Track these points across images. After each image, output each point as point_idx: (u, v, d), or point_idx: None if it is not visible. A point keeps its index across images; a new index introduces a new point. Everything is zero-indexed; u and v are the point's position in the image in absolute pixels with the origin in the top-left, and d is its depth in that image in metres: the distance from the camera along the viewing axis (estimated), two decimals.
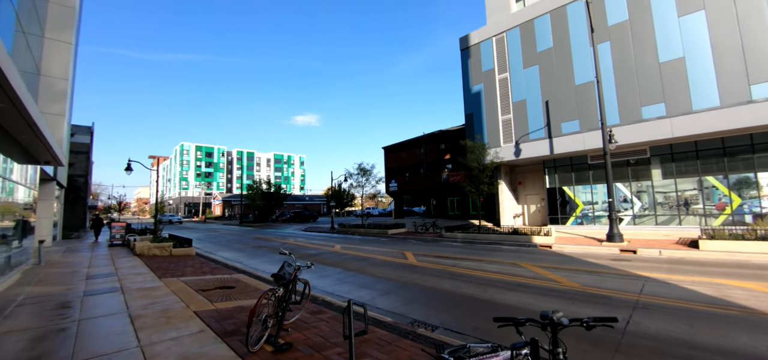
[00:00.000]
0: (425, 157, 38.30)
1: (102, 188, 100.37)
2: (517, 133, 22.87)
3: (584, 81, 20.28)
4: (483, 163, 19.88)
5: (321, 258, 13.54)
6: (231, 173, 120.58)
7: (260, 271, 11.10)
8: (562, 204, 22.20)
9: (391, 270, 10.66)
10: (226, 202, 79.63)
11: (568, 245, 15.21)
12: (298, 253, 15.18)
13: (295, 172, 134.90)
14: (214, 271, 10.23)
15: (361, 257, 13.34)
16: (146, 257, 12.86)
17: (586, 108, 20.09)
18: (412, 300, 7.36)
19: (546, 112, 21.60)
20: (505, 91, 23.64)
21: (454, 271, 10.26)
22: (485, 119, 24.52)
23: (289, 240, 21.39)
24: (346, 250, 15.52)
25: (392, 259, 12.82)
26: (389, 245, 17.24)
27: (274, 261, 13.20)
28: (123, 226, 17.97)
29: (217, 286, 7.81)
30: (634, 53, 18.75)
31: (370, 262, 12.14)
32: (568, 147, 20.55)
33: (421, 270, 10.52)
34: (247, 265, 12.39)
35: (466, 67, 26.05)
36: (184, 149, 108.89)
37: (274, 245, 18.65)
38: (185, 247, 14.31)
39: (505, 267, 10.55)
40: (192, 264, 11.44)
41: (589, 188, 21.20)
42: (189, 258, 13.12)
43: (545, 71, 21.86)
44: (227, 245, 19.58)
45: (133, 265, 10.86)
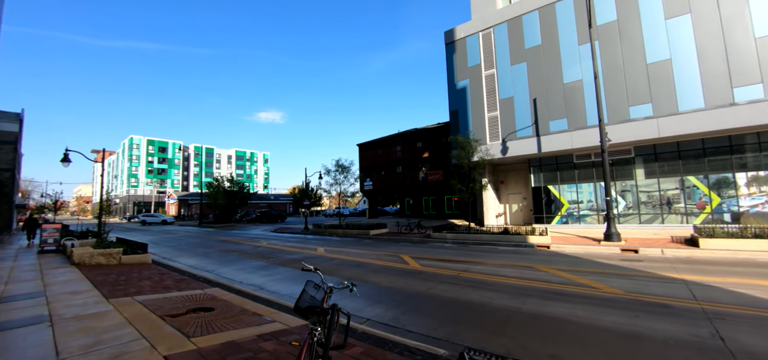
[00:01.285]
0: (402, 155, 37.18)
1: (34, 185, 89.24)
2: (504, 130, 22.31)
3: (573, 79, 20.07)
4: (473, 160, 18.98)
5: (305, 263, 11.75)
6: (187, 170, 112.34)
7: (238, 282, 9.16)
8: (547, 203, 21.94)
9: (397, 278, 9.20)
10: (182, 201, 73.65)
11: (566, 245, 14.62)
12: (277, 258, 13.26)
13: (259, 170, 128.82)
14: (179, 284, 8.18)
15: (354, 263, 11.73)
16: (88, 268, 10.37)
17: (575, 107, 19.89)
18: (446, 318, 5.97)
19: (534, 110, 21.20)
20: (492, 88, 23.03)
21: (469, 277, 9.01)
22: (471, 116, 23.77)
23: (261, 242, 19.17)
24: (333, 254, 13.81)
25: (391, 263, 11.36)
26: (378, 247, 15.76)
27: (252, 269, 11.22)
28: (57, 228, 14.85)
29: (189, 308, 5.92)
30: (622, 53, 18.75)
31: (368, 269, 10.59)
32: (556, 145, 20.25)
33: (432, 277, 9.17)
34: (220, 274, 10.34)
35: (451, 61, 25.19)
36: (133, 143, 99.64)
37: (246, 249, 16.45)
38: (139, 254, 11.87)
39: (522, 271, 9.49)
40: (149, 275, 9.23)
41: (575, 187, 21.08)
42: (144, 267, 10.79)
43: (533, 69, 21.47)
44: (189, 250, 17.04)
45: (70, 279, 8.48)
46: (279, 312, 5.84)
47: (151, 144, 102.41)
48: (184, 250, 16.82)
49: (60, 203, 58.84)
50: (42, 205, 62.31)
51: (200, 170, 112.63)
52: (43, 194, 56.02)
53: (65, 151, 17.26)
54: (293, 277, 9.77)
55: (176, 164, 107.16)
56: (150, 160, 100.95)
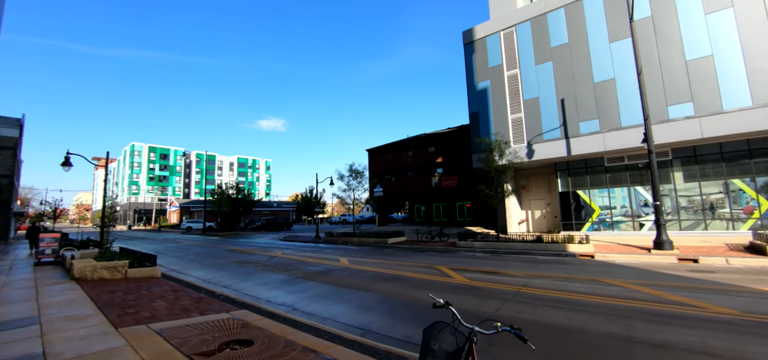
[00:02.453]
0: (414, 160, 36.00)
1: (34, 192, 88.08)
2: (529, 132, 21.15)
3: (604, 78, 18.98)
4: (500, 163, 17.78)
5: (334, 277, 10.49)
6: (189, 178, 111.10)
7: (265, 300, 7.90)
8: (576, 209, 20.69)
9: (450, 295, 7.93)
10: (184, 208, 72.31)
11: (612, 254, 13.37)
12: (299, 270, 11.99)
13: (261, 177, 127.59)
14: (199, 305, 6.92)
15: (388, 276, 10.46)
16: (90, 283, 9.10)
17: (607, 107, 18.76)
18: (556, 353, 4.70)
19: (562, 111, 20.07)
20: (516, 89, 21.93)
21: (534, 293, 7.76)
22: (493, 118, 22.64)
23: (274, 252, 17.88)
24: (359, 265, 12.54)
25: (432, 277, 10.10)
26: (404, 257, 14.48)
27: (276, 284, 9.96)
28: (55, 237, 13.57)
29: (221, 340, 4.67)
30: (658, 51, 17.67)
31: (408, 284, 9.32)
32: (587, 148, 19.08)
33: (490, 294, 7.90)
34: (242, 291, 9.08)
35: (471, 62, 24.15)
36: (135, 150, 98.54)
37: (260, 260, 15.18)
38: (146, 267, 10.61)
39: (591, 286, 8.23)
40: (162, 293, 7.97)
41: (606, 192, 19.85)
42: (153, 282, 9.53)
43: (560, 68, 20.39)
44: (198, 261, 15.77)
45: (70, 299, 7.22)
46: (335, 345, 4.59)
47: (153, 151, 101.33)
48: (193, 262, 15.54)
49: (59, 211, 57.54)
50: (41, 212, 61.02)
51: (202, 177, 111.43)
52: (43, 202, 54.75)
53: (66, 154, 16.08)
54: (326, 294, 8.50)
55: (178, 171, 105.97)
56: (151, 167, 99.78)
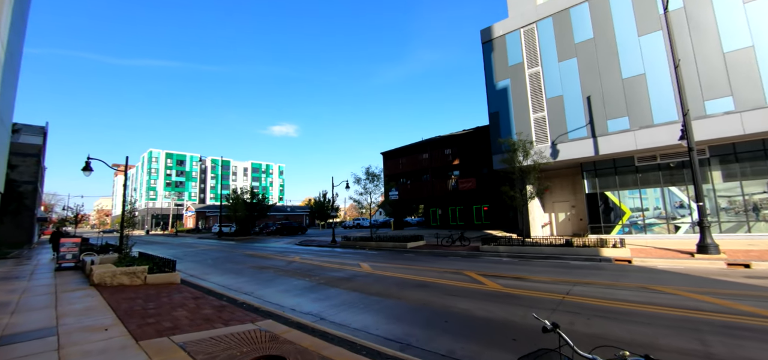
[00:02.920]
0: (430, 163, 35.37)
1: (57, 199, 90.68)
2: (552, 132, 20.34)
3: (633, 74, 18.08)
4: (526, 163, 17.04)
5: (358, 283, 10.01)
6: (204, 183, 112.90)
7: (289, 309, 7.47)
8: (604, 211, 19.73)
9: (488, 304, 7.34)
10: (200, 213, 73.24)
11: (651, 259, 12.52)
12: (321, 276, 11.55)
13: (274, 181, 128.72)
14: (222, 314, 6.53)
15: (415, 283, 9.92)
16: (109, 290, 8.85)
17: (637, 103, 17.85)
18: None
19: (588, 109, 19.22)
20: (538, 87, 21.17)
21: (580, 302, 7.10)
22: (514, 117, 21.91)
23: (292, 257, 17.53)
24: (381, 271, 12.02)
25: (462, 283, 9.50)
26: (427, 262, 13.89)
27: (298, 291, 9.54)
28: (76, 242, 13.51)
29: (250, 354, 4.23)
30: (692, 43, 16.71)
31: (438, 291, 8.76)
32: (617, 147, 18.18)
33: (531, 302, 7.28)
34: (264, 298, 8.68)
35: (489, 61, 23.49)
36: (152, 156, 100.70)
37: (279, 265, 14.83)
38: (166, 272, 10.34)
39: (640, 293, 7.51)
40: (182, 301, 7.63)
41: (637, 193, 18.86)
42: (173, 288, 9.22)
43: (585, 64, 19.56)
44: (216, 266, 15.52)
45: (90, 307, 6.92)
46: None
47: (170, 157, 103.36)
48: (211, 266, 15.30)
49: (81, 216, 58.94)
50: (64, 218, 62.64)
51: (217, 183, 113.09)
52: (65, 207, 56.21)
53: (87, 159, 16.14)
54: (353, 302, 8.02)
55: (194, 177, 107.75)
56: (168, 173, 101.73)
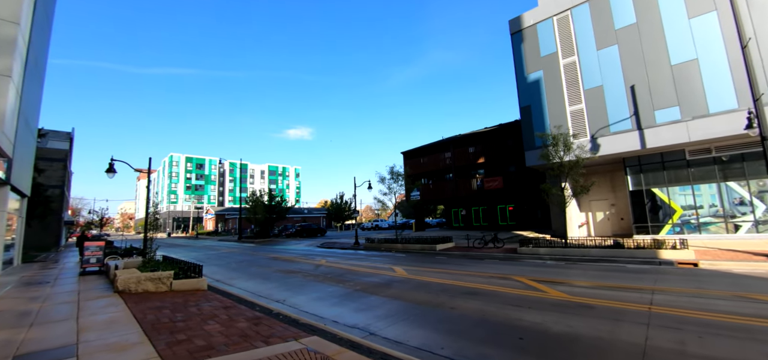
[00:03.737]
0: (453, 161, 34.20)
1: (84, 203, 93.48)
2: (591, 125, 18.97)
3: (684, 59, 16.58)
4: (568, 159, 15.80)
5: (397, 290, 9.08)
6: (223, 186, 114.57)
7: (330, 321, 6.62)
8: (651, 209, 18.22)
9: (558, 314, 6.30)
10: (219, 215, 73.98)
11: (720, 262, 11.18)
12: (354, 282, 10.70)
13: (291, 184, 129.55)
14: (259, 328, 5.73)
15: (463, 290, 8.92)
16: (134, 297, 8.21)
17: (689, 91, 16.34)
18: None
19: (632, 99, 17.78)
20: (574, 78, 19.83)
21: (675, 315, 5.98)
22: (547, 111, 20.61)
23: (318, 261, 16.78)
24: (420, 276, 11.07)
25: (515, 290, 8.45)
26: (466, 266, 12.84)
27: (335, 298, 8.70)
28: (100, 245, 13.09)
29: None
30: (752, 23, 15.12)
31: (494, 300, 7.74)
32: (666, 139, 16.70)
33: (614, 314, 6.19)
34: (299, 307, 7.87)
35: (520, 52, 22.25)
36: (173, 161, 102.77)
37: (306, 269, 14.08)
38: (192, 278, 9.68)
39: (747, 305, 6.32)
40: (212, 311, 6.88)
41: (690, 189, 17.30)
42: (201, 296, 8.53)
43: (628, 51, 18.14)
44: (241, 270, 14.90)
45: (113, 319, 6.24)
46: None
47: (189, 161, 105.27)
48: (236, 270, 14.68)
49: (106, 220, 60.31)
50: (89, 222, 64.26)
51: (235, 185, 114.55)
52: (91, 211, 57.59)
53: (111, 160, 15.88)
54: (399, 313, 7.11)
55: (212, 180, 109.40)
56: (188, 177, 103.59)
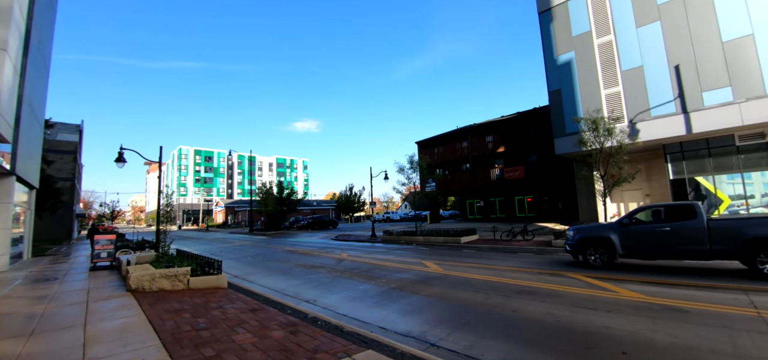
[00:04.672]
0: (470, 151, 32.95)
1: (95, 196, 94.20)
2: (630, 109, 17.62)
3: (737, 35, 15.13)
4: (609, 145, 14.57)
5: (439, 289, 8.08)
6: (231, 179, 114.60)
7: (377, 328, 5.66)
8: (695, 199, 16.89)
9: (652, 322, 5.24)
10: (229, 208, 73.77)
11: None
12: (385, 278, 9.73)
13: (299, 176, 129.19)
14: (297, 336, 4.79)
15: (514, 288, 7.89)
16: (148, 297, 7.34)
17: (743, 70, 14.92)
18: None
19: (676, 81, 16.39)
20: (610, 58, 18.44)
21: None
22: (580, 94, 19.28)
23: (338, 254, 15.87)
24: (457, 272, 10.05)
25: (576, 289, 7.39)
26: (498, 260, 11.78)
27: (372, 298, 7.74)
28: (111, 239, 12.30)
29: None
30: None
31: (557, 300, 6.70)
32: (716, 123, 15.34)
33: (718, 319, 5.11)
34: (335, 309, 6.92)
35: (548, 32, 20.86)
36: (182, 153, 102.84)
37: (328, 263, 13.18)
38: (211, 275, 8.80)
39: None
40: (238, 314, 5.97)
41: (739, 177, 15.95)
42: (221, 295, 7.63)
43: (672, 28, 16.69)
44: (259, 264, 14.06)
45: (126, 325, 5.34)
46: None
47: (198, 153, 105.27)
48: (253, 265, 13.84)
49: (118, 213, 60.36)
50: (102, 214, 64.46)
51: (243, 178, 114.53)
52: (102, 204, 57.59)
53: (120, 149, 15.04)
54: (455, 317, 6.11)
55: (221, 173, 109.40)
56: (197, 169, 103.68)
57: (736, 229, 8.22)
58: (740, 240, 8.08)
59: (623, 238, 9.69)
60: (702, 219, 8.71)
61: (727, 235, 8.32)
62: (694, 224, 8.76)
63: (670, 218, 9.33)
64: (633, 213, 10.03)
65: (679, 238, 8.87)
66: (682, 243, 8.82)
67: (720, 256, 8.42)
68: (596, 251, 10.00)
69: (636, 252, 9.53)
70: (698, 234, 8.60)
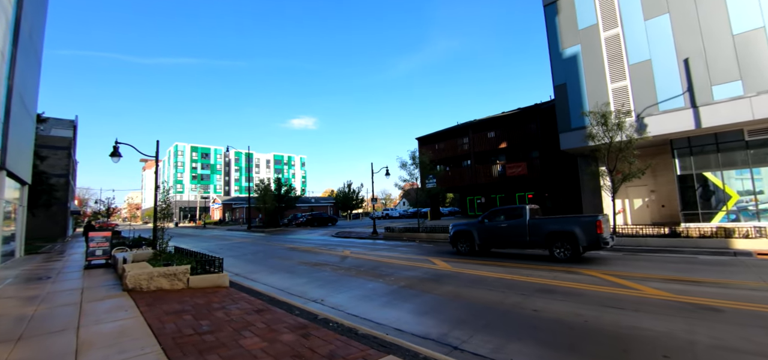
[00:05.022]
0: (471, 147, 32.62)
1: (91, 193, 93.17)
2: (637, 104, 17.33)
3: (748, 28, 14.85)
4: (618, 139, 14.27)
5: (452, 288, 7.73)
6: (229, 176, 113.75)
7: (392, 329, 5.30)
8: (703, 195, 16.68)
9: (690, 324, 4.91)
10: (226, 205, 73.13)
11: None
12: (392, 276, 9.37)
13: (296, 173, 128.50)
14: (309, 340, 4.42)
15: (532, 286, 7.55)
16: (147, 297, 6.94)
17: (753, 63, 14.65)
18: None
19: (686, 74, 16.10)
20: (617, 52, 18.12)
21: None
22: (586, 89, 18.96)
23: (341, 252, 15.49)
24: (467, 270, 9.70)
25: (596, 287, 7.08)
26: (507, 257, 11.43)
27: (382, 297, 7.38)
28: (106, 236, 11.83)
29: None
30: None
31: (578, 299, 6.37)
32: (726, 117, 15.08)
33: (760, 319, 4.80)
34: (345, 309, 6.55)
35: (554, 26, 20.51)
36: (178, 150, 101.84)
37: (332, 261, 12.80)
38: (212, 273, 8.39)
39: None
40: (243, 315, 5.59)
41: (748, 173, 15.71)
42: (223, 294, 7.25)
43: (681, 20, 16.38)
44: (260, 262, 13.66)
45: (122, 329, 4.95)
46: None
47: (195, 150, 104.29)
48: (254, 262, 13.43)
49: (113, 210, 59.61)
50: (97, 211, 63.67)
51: (240, 175, 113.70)
52: (97, 200, 56.80)
53: (115, 143, 14.54)
54: (469, 315, 5.76)
55: (218, 169, 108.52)
56: (194, 166, 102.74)
57: (542, 226, 10.91)
58: (543, 234, 10.78)
59: (480, 233, 12.41)
60: (525, 219, 11.29)
61: (537, 231, 10.94)
62: (520, 222, 11.38)
63: (508, 218, 11.95)
64: (485, 214, 12.75)
65: (512, 233, 11.56)
66: (514, 236, 11.46)
67: (534, 246, 11.10)
68: (464, 242, 12.77)
69: (488, 243, 12.34)
70: (522, 230, 11.27)
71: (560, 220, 10.83)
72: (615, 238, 13.49)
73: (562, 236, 10.43)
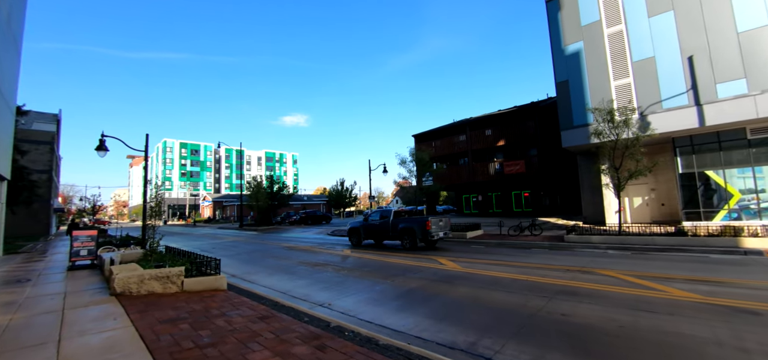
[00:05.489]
0: (468, 145, 32.30)
1: (75, 190, 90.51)
2: (640, 101, 17.15)
3: (753, 26, 14.73)
4: (625, 136, 14.03)
5: (466, 290, 7.29)
6: (219, 173, 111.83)
7: (415, 339, 4.82)
8: (704, 193, 16.59)
9: (752, 330, 4.55)
10: (216, 203, 71.69)
11: None
12: (404, 277, 8.90)
13: (288, 171, 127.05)
14: (325, 352, 3.95)
15: (550, 288, 7.15)
16: (137, 302, 6.33)
17: (759, 62, 14.54)
18: None
19: (690, 72, 15.95)
20: (620, 49, 17.91)
21: None
22: (588, 86, 18.73)
23: (342, 252, 14.95)
24: (478, 270, 9.29)
25: (618, 288, 6.72)
26: (512, 256, 11.08)
27: (392, 299, 6.90)
28: (92, 235, 11.06)
29: None
30: None
31: (602, 301, 5.99)
32: (730, 115, 14.95)
33: None
34: (356, 314, 6.05)
35: (556, 22, 20.22)
36: (167, 146, 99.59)
37: (332, 261, 12.28)
38: (209, 275, 7.79)
39: None
40: (247, 324, 5.05)
41: (750, 171, 15.64)
42: (221, 299, 6.68)
43: (685, 18, 16.22)
44: (256, 262, 13.06)
45: (112, 343, 4.37)
46: None
47: (184, 146, 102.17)
48: (250, 263, 12.81)
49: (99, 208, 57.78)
50: (81, 209, 61.74)
51: (231, 172, 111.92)
52: (82, 198, 54.99)
53: (101, 136, 13.75)
54: (493, 321, 5.32)
55: (208, 166, 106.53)
56: (183, 163, 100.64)
57: (396, 224, 14.67)
58: (397, 229, 14.51)
59: (365, 229, 16.46)
60: (389, 219, 15.13)
61: (395, 227, 14.65)
62: (387, 221, 15.24)
63: (381, 218, 15.71)
64: (366, 215, 17.90)
65: (383, 229, 15.42)
66: (384, 231, 15.32)
67: (395, 238, 14.76)
68: (355, 237, 16.86)
69: (369, 237, 16.30)
70: (388, 226, 15.11)
71: (407, 220, 14.53)
72: (620, 235, 13.32)
73: (407, 232, 13.97)
